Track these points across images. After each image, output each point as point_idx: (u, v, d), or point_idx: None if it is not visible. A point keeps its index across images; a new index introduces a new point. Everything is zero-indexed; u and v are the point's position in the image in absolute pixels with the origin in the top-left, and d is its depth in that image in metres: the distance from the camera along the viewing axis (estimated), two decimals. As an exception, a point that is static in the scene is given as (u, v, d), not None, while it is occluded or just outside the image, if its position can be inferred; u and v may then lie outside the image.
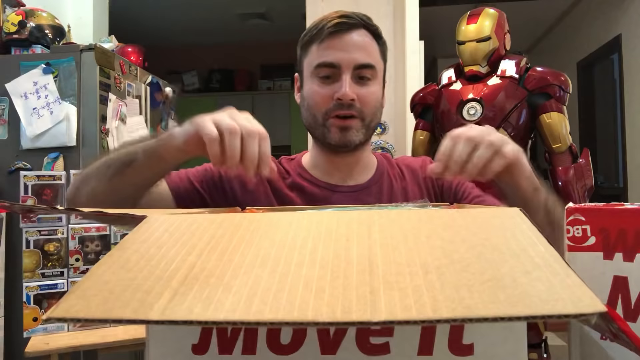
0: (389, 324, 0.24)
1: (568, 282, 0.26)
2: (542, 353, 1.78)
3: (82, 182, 0.75)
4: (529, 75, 1.80)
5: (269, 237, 0.35)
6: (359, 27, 0.82)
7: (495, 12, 1.86)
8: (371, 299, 0.26)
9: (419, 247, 0.32)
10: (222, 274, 0.30)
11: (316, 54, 0.83)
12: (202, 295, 0.27)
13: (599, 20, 4.03)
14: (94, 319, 0.26)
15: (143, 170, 0.70)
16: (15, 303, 1.90)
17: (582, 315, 0.23)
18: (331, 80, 0.81)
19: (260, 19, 4.84)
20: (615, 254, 0.42)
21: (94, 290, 0.28)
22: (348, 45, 0.81)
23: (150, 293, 0.27)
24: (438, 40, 4.51)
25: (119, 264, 0.31)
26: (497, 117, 1.77)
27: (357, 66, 0.81)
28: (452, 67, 1.97)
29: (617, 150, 3.84)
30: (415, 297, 0.26)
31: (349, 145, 0.83)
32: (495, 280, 0.27)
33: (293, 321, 0.24)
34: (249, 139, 0.59)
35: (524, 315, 0.24)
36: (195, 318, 0.25)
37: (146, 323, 0.25)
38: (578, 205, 0.45)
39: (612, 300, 0.42)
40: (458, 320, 0.24)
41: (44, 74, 2.09)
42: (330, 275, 0.28)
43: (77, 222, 1.62)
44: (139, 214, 0.41)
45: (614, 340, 0.33)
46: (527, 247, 0.31)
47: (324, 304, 0.26)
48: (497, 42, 1.83)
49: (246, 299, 0.26)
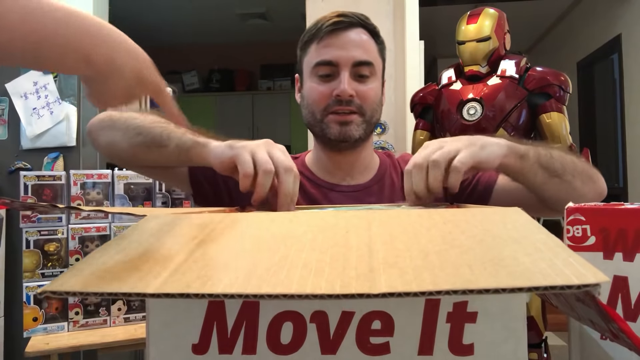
0: (388, 296, 0.24)
1: (570, 260, 0.26)
2: (542, 353, 1.78)
3: (109, 128, 0.77)
4: (529, 75, 1.80)
5: (269, 230, 0.35)
6: (356, 26, 0.83)
7: (495, 12, 1.86)
8: (370, 276, 0.26)
9: (418, 237, 0.32)
10: (221, 258, 0.30)
11: (315, 53, 0.84)
12: (200, 274, 0.27)
13: (599, 20, 4.03)
14: (89, 292, 0.26)
15: (170, 158, 0.72)
16: (15, 303, 1.90)
17: (586, 285, 0.23)
18: (330, 78, 0.82)
19: (260, 19, 4.84)
20: (615, 253, 0.42)
21: (90, 270, 0.28)
22: (346, 43, 0.82)
23: (148, 273, 0.27)
24: (438, 40, 4.51)
25: (117, 250, 0.32)
26: (497, 117, 1.77)
27: (356, 63, 0.81)
28: (452, 67, 1.97)
29: (617, 150, 3.84)
30: (415, 274, 0.26)
31: (348, 140, 0.83)
32: (496, 260, 0.27)
33: (291, 294, 0.24)
34: (285, 176, 0.61)
35: (526, 286, 0.23)
36: (193, 291, 0.25)
37: (142, 297, 0.25)
38: (578, 205, 0.45)
39: (612, 300, 0.42)
40: (459, 292, 0.24)
41: (44, 74, 2.09)
42: (329, 258, 0.29)
43: (77, 222, 1.62)
44: (139, 213, 0.41)
45: (613, 340, 0.33)
46: (529, 235, 0.31)
47: (322, 280, 0.25)
48: (497, 42, 1.83)
49: (244, 277, 0.26)
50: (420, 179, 0.63)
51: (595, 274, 0.24)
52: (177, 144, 0.71)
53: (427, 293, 0.24)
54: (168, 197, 1.79)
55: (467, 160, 0.62)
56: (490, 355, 0.34)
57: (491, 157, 0.65)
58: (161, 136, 0.72)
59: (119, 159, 0.79)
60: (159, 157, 0.73)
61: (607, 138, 4.03)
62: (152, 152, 0.72)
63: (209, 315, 0.36)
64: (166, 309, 0.36)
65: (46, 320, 1.54)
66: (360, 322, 0.35)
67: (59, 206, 0.46)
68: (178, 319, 0.36)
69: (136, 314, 1.65)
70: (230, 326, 0.36)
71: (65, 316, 1.56)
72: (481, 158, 0.64)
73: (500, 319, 0.34)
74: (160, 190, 1.76)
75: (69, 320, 1.56)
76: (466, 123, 1.79)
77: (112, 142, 0.76)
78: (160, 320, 0.36)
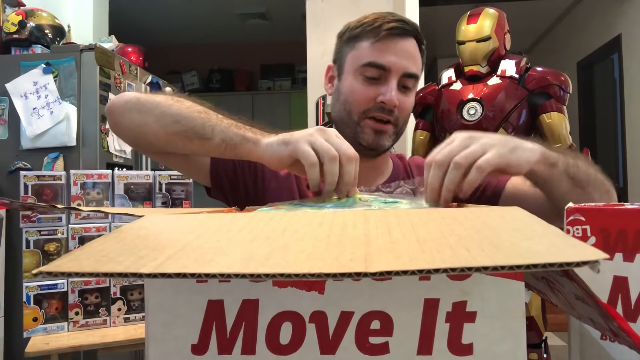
0: (385, 274, 0.23)
1: (570, 241, 0.26)
2: (542, 353, 1.78)
3: (137, 111, 0.73)
4: (529, 75, 1.80)
5: (268, 224, 0.35)
6: (411, 35, 0.82)
7: (495, 12, 1.86)
8: (367, 258, 0.26)
9: (416, 229, 0.32)
10: (219, 246, 0.30)
11: (367, 51, 0.81)
12: (197, 258, 0.27)
13: (599, 20, 4.03)
14: (84, 272, 0.25)
15: (211, 151, 0.69)
16: (15, 303, 1.90)
17: (585, 262, 0.23)
18: (376, 82, 0.80)
19: (260, 19, 4.84)
20: (615, 254, 0.42)
21: (87, 255, 0.28)
22: (401, 51, 0.80)
23: (145, 257, 0.27)
24: (438, 40, 4.51)
25: (115, 240, 0.32)
26: (497, 117, 1.77)
27: (405, 74, 0.80)
28: (452, 67, 1.97)
29: (617, 150, 3.84)
30: (411, 257, 0.26)
31: (379, 149, 0.83)
32: (495, 243, 0.27)
33: (288, 273, 0.24)
34: (348, 163, 0.59)
35: (525, 264, 0.23)
36: (189, 271, 0.25)
37: (138, 277, 0.25)
38: (578, 205, 0.45)
39: (612, 300, 0.42)
40: (457, 270, 0.23)
41: (44, 74, 2.09)
42: (326, 245, 0.29)
43: (77, 222, 1.62)
44: (138, 213, 0.41)
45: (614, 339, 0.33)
46: (528, 224, 0.31)
47: (319, 261, 0.26)
48: (497, 42, 1.83)
49: (243, 261, 0.26)
50: (436, 178, 0.58)
51: (594, 252, 0.24)
52: (222, 139, 0.67)
53: (424, 271, 0.23)
54: (168, 197, 1.79)
55: (494, 161, 0.57)
56: (490, 355, 0.34)
57: (522, 161, 0.60)
58: (203, 127, 0.68)
59: (147, 143, 0.75)
60: (200, 148, 0.70)
61: (607, 138, 4.03)
62: (193, 143, 0.69)
63: (208, 316, 0.36)
64: (166, 309, 0.36)
65: (46, 321, 1.53)
66: (359, 322, 0.35)
67: (59, 206, 0.46)
68: (177, 319, 0.36)
69: (136, 314, 1.65)
70: (230, 326, 0.36)
71: (65, 316, 1.56)
72: (510, 161, 0.59)
73: (500, 319, 0.34)
74: (160, 190, 1.76)
75: (69, 321, 1.56)
76: (466, 123, 1.78)
77: (141, 125, 0.73)
78: (160, 321, 0.36)
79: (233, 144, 0.66)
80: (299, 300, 0.35)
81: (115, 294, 1.62)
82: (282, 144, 0.62)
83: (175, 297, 0.36)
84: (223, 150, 0.67)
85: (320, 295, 0.35)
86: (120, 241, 0.31)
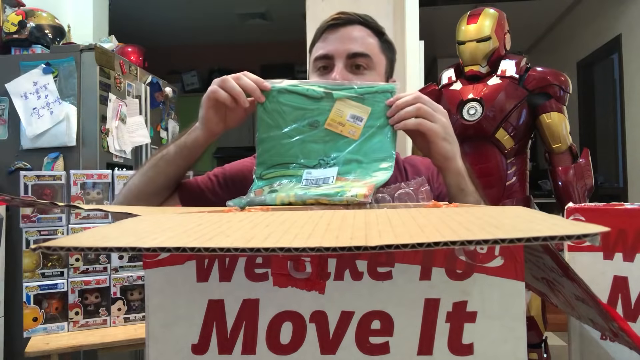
0: (385, 248, 0.24)
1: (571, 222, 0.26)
2: (542, 353, 1.78)
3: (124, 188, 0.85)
4: (529, 75, 1.80)
5: (268, 217, 0.35)
6: (354, 23, 0.86)
7: (495, 12, 1.86)
8: (368, 237, 0.26)
9: (416, 219, 0.32)
10: (219, 230, 0.30)
11: (316, 49, 0.87)
12: (198, 237, 0.27)
13: (599, 20, 4.03)
14: (83, 247, 0.26)
15: (174, 161, 0.79)
16: (15, 303, 1.90)
17: (585, 235, 0.23)
18: (327, 70, 0.85)
19: (260, 19, 4.84)
20: (615, 254, 0.42)
21: (88, 235, 0.28)
22: (342, 37, 0.84)
23: (146, 237, 0.28)
24: (438, 40, 4.51)
25: (116, 227, 0.32)
26: (497, 117, 1.77)
27: (350, 55, 0.83)
28: (452, 67, 1.97)
29: (617, 150, 3.84)
30: (412, 234, 0.26)
31: None
32: (496, 225, 0.27)
33: (289, 247, 0.24)
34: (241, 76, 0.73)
35: (525, 237, 0.23)
36: (189, 245, 0.25)
37: (137, 251, 0.25)
38: (578, 205, 0.45)
39: (612, 300, 0.42)
40: (457, 243, 0.23)
41: (44, 74, 2.09)
42: (326, 230, 0.29)
43: (77, 222, 1.62)
44: (138, 213, 0.42)
45: (614, 339, 0.33)
46: (531, 212, 0.31)
47: (319, 238, 0.26)
48: (497, 42, 1.83)
49: (244, 239, 0.27)
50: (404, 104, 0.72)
51: (595, 227, 0.24)
52: (174, 144, 0.79)
53: (425, 244, 0.23)
54: (168, 197, 1.79)
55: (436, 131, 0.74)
56: (490, 355, 0.34)
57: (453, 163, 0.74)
58: (161, 150, 0.81)
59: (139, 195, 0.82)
60: (166, 166, 0.80)
61: (607, 138, 4.03)
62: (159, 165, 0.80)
63: (208, 316, 0.36)
64: (166, 309, 0.36)
65: (46, 320, 1.53)
66: (359, 322, 0.35)
67: (59, 204, 0.46)
68: (178, 319, 0.36)
69: (136, 314, 1.65)
70: (230, 326, 0.36)
71: (65, 316, 1.56)
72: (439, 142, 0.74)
73: (500, 319, 0.34)
74: (160, 190, 1.76)
75: (69, 320, 1.56)
76: (466, 123, 1.78)
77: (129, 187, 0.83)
78: (160, 320, 0.36)
79: (182, 143, 0.78)
80: (300, 300, 0.35)
81: (115, 294, 1.62)
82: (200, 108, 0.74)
83: (176, 297, 0.36)
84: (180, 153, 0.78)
85: (321, 295, 0.35)
86: (121, 227, 0.32)
